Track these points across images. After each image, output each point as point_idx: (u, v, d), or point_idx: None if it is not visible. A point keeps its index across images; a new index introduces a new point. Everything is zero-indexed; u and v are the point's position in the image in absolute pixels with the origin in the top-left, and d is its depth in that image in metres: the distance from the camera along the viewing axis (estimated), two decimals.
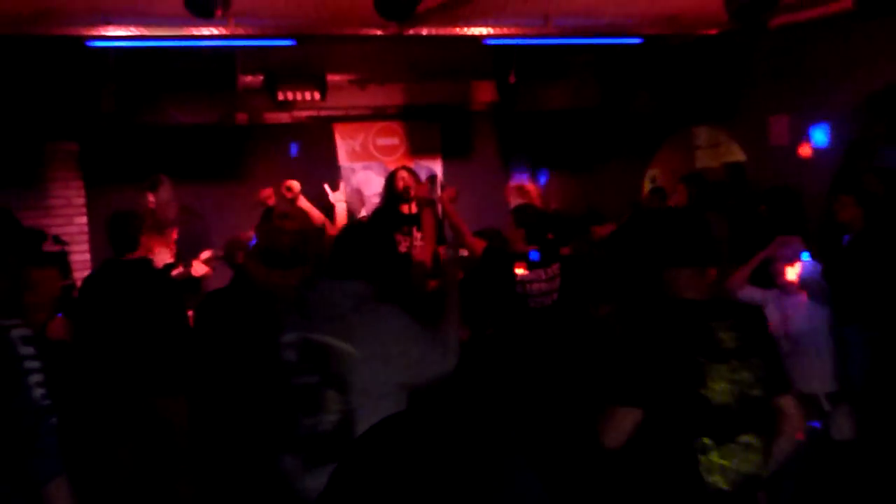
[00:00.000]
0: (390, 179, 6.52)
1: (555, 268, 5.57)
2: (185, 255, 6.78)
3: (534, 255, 5.51)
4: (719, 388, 2.92)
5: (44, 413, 2.70)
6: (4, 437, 2.63)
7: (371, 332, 3.14)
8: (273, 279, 4.93)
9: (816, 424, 5.11)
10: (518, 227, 5.56)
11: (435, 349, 3.26)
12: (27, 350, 2.73)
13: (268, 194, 6.60)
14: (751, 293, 5.22)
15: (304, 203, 6.36)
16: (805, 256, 5.46)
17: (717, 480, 2.89)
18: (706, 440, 2.89)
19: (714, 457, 2.90)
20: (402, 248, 6.63)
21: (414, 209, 6.21)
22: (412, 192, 6.23)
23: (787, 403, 3.06)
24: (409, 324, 3.24)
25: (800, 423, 3.16)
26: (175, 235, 6.85)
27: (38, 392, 2.70)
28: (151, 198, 6.78)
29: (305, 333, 3.21)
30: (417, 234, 6.70)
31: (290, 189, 6.35)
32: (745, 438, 2.95)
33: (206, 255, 6.55)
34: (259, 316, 4.86)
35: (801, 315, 5.23)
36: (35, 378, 2.71)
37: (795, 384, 4.54)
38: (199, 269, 6.36)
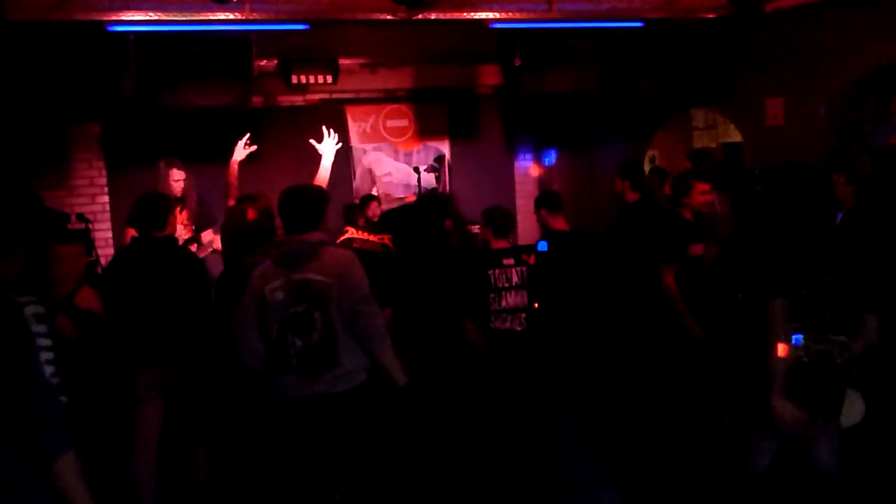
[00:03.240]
0: None
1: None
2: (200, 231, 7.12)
3: (542, 245, 6.13)
4: None
5: (53, 391, 2.68)
6: (12, 414, 2.58)
7: (332, 265, 4.23)
8: (242, 260, 5.22)
9: None
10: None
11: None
12: (39, 328, 2.70)
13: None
14: None
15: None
16: None
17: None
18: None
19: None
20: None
21: None
22: None
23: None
24: (353, 256, 4.40)
25: None
26: (186, 213, 7.13)
27: (49, 370, 2.69)
28: (175, 174, 7.02)
29: (287, 276, 4.22)
30: None
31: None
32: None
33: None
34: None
35: None
36: (46, 356, 2.70)
37: None
38: (207, 237, 6.74)
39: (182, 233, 6.91)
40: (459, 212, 8.05)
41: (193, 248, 6.67)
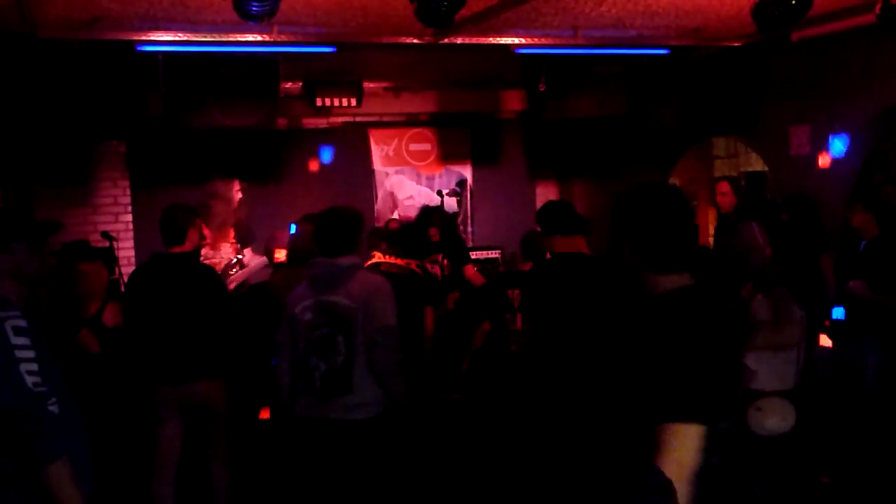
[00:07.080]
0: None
1: None
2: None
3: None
4: None
5: (39, 399, 2.76)
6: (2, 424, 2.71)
7: (361, 290, 4.23)
8: (275, 279, 5.28)
9: None
10: None
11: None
12: (19, 340, 2.79)
13: None
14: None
15: None
16: None
17: None
18: None
19: None
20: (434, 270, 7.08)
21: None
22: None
23: None
24: (384, 284, 4.35)
25: None
26: (233, 231, 7.19)
27: (32, 380, 2.76)
28: (238, 184, 7.08)
29: (316, 297, 4.26)
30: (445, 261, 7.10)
31: None
32: None
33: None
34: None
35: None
36: (27, 367, 2.77)
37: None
38: (247, 255, 6.83)
39: (229, 252, 6.94)
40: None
41: (235, 269, 6.71)
